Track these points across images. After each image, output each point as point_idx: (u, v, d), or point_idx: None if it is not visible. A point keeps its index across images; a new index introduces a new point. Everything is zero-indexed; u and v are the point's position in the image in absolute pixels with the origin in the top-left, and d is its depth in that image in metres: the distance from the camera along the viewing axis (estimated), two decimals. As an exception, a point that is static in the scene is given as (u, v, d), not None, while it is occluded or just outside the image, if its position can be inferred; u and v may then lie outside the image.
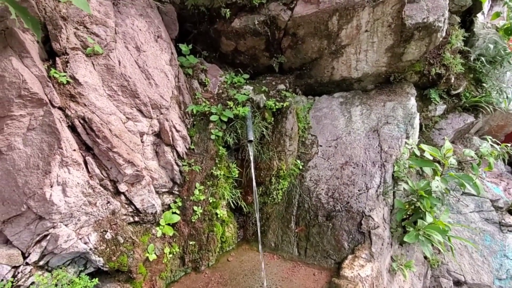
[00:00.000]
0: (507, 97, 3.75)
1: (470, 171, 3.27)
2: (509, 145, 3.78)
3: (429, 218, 2.56)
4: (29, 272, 1.95)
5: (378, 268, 2.57)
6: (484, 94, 3.68)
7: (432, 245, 2.86)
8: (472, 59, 3.61)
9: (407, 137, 3.09)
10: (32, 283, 1.92)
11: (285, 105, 3.20)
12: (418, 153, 2.90)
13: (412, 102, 3.29)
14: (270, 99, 3.26)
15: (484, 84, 3.70)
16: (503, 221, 3.30)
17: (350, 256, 2.64)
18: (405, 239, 2.62)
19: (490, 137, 3.74)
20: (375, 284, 2.49)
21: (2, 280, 1.87)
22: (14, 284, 1.89)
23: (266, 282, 2.64)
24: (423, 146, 2.76)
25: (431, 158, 2.82)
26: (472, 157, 2.90)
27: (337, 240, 2.81)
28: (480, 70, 3.66)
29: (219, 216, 2.98)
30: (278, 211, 3.24)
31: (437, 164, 2.76)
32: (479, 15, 4.88)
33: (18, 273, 1.92)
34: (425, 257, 3.11)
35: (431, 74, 3.36)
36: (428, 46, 3.02)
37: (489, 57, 3.67)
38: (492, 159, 2.82)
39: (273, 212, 3.25)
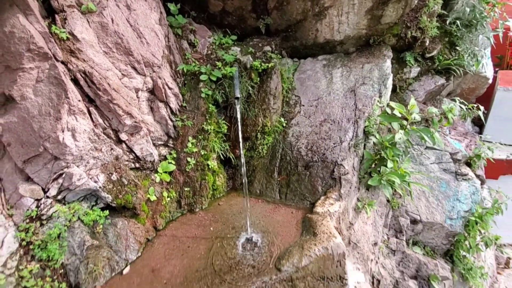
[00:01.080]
0: (477, 60, 4.02)
1: (434, 127, 3.67)
2: (475, 105, 4.16)
3: (390, 164, 2.99)
4: (50, 204, 2.33)
5: (345, 206, 3.05)
6: (456, 57, 3.94)
7: (395, 190, 3.35)
8: (448, 22, 3.80)
9: (380, 96, 3.41)
10: (54, 211, 2.31)
11: (270, 65, 3.43)
12: (389, 111, 3.25)
13: (388, 64, 3.55)
14: (256, 60, 3.47)
15: (457, 48, 3.94)
16: (459, 171, 3.80)
17: (322, 197, 3.11)
18: (369, 182, 3.08)
19: (459, 98, 4.09)
20: (341, 218, 2.99)
21: (28, 209, 2.25)
22: (38, 213, 2.28)
23: (251, 218, 3.11)
24: (392, 103, 3.10)
25: (400, 115, 3.18)
26: (434, 113, 3.27)
27: (313, 185, 3.25)
28: (455, 34, 3.87)
29: (210, 167, 3.36)
30: (263, 164, 3.64)
31: (404, 121, 3.13)
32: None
33: (41, 204, 2.29)
34: (388, 201, 3.62)
35: (407, 37, 3.58)
36: (405, 8, 3.20)
37: (465, 21, 3.86)
38: (450, 114, 3.19)
39: (258, 165, 3.66)
